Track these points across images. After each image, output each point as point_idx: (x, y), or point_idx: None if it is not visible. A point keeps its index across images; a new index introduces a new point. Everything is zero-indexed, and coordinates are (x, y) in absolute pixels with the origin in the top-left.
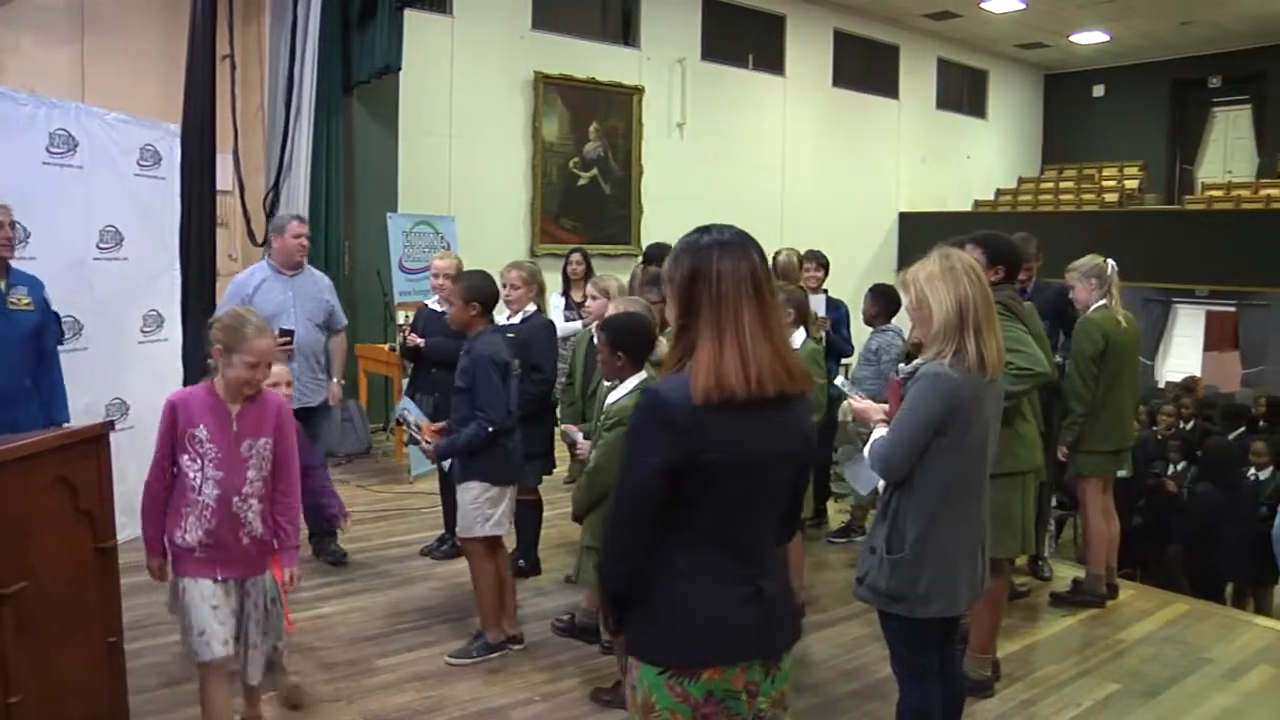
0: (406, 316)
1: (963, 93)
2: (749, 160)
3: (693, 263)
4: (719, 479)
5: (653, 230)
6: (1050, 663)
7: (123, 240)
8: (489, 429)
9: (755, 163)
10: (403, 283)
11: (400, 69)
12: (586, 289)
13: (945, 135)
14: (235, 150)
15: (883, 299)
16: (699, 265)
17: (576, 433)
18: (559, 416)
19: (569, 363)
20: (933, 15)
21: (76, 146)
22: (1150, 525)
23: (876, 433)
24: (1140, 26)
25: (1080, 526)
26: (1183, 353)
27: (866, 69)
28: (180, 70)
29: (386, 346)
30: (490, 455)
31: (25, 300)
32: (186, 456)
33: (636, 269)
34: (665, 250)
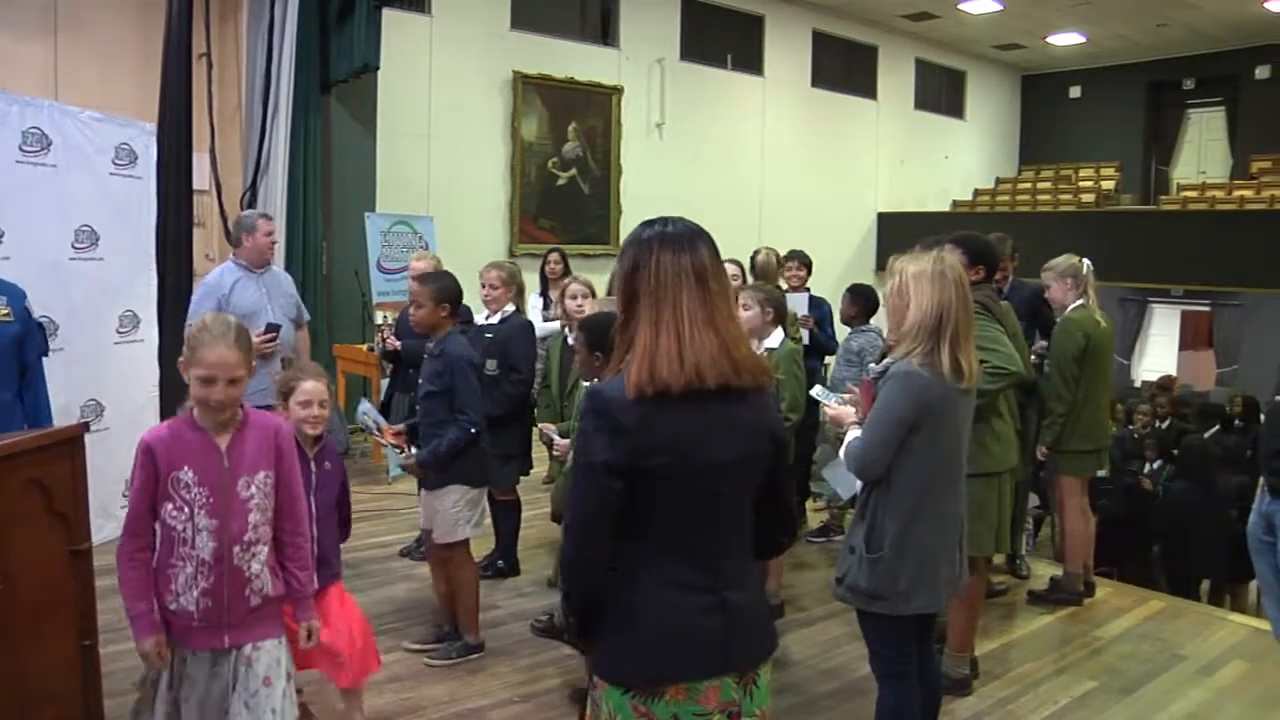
0: (385, 317)
1: (941, 93)
2: (728, 160)
3: (634, 254)
4: (671, 481)
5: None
6: (1028, 660)
7: (98, 240)
8: (472, 430)
9: (734, 163)
10: (381, 283)
11: (378, 68)
12: (567, 290)
13: (923, 136)
14: (212, 149)
15: (861, 299)
16: (639, 258)
17: (554, 432)
18: (536, 417)
19: (545, 363)
20: (911, 16)
21: (50, 145)
22: (1126, 523)
23: (850, 434)
24: (1116, 28)
25: (1057, 525)
26: (1158, 352)
27: (845, 69)
28: (155, 69)
29: (365, 347)
30: (469, 457)
31: (3, 311)
32: (171, 505)
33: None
34: None
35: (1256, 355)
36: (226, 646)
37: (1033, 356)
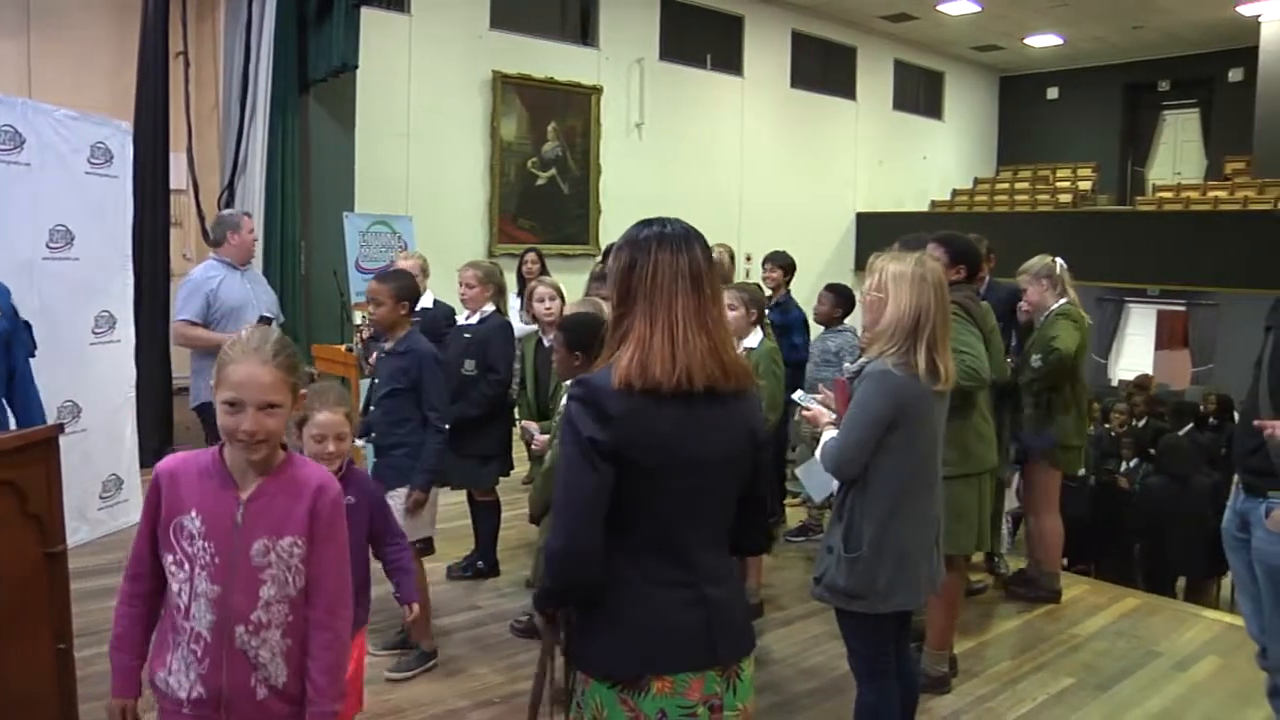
0: (364, 317)
1: (919, 94)
2: (707, 160)
3: (631, 254)
4: (655, 478)
5: (611, 230)
6: (1006, 658)
7: (73, 240)
8: (445, 427)
9: (713, 163)
10: (359, 283)
11: (357, 67)
12: (534, 292)
13: (902, 136)
14: (189, 149)
15: (839, 298)
16: (636, 256)
17: (534, 427)
18: (517, 417)
19: (520, 364)
20: (890, 17)
21: (24, 143)
22: (1103, 522)
23: (826, 435)
24: (1092, 30)
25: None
26: (1135, 351)
27: (824, 70)
28: (131, 67)
29: (343, 347)
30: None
31: None
32: (172, 558)
33: (595, 268)
34: None
35: (1231, 354)
36: None
37: (1009, 359)
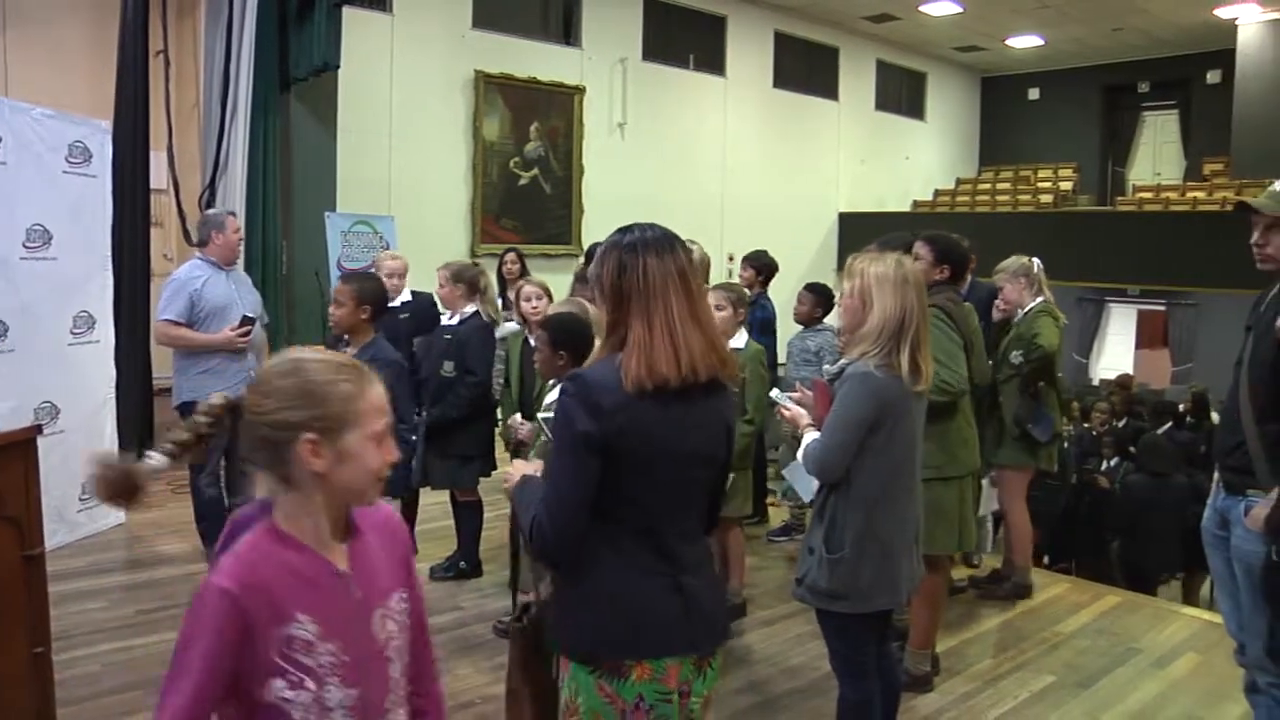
0: None
1: (901, 94)
2: (690, 161)
3: (619, 259)
4: (644, 470)
5: (593, 230)
6: (987, 656)
7: (51, 239)
8: (413, 438)
9: (696, 163)
10: None
11: (339, 67)
12: (521, 291)
13: (884, 136)
14: (170, 148)
15: (819, 297)
16: (626, 260)
17: (519, 421)
18: (500, 416)
19: (504, 364)
20: (872, 18)
21: (0, 142)
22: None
23: (808, 436)
24: (1073, 32)
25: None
26: (1116, 350)
27: (807, 70)
28: (110, 66)
29: (324, 347)
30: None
31: None
32: (283, 683)
33: (578, 269)
34: None
35: (1211, 354)
36: None
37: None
